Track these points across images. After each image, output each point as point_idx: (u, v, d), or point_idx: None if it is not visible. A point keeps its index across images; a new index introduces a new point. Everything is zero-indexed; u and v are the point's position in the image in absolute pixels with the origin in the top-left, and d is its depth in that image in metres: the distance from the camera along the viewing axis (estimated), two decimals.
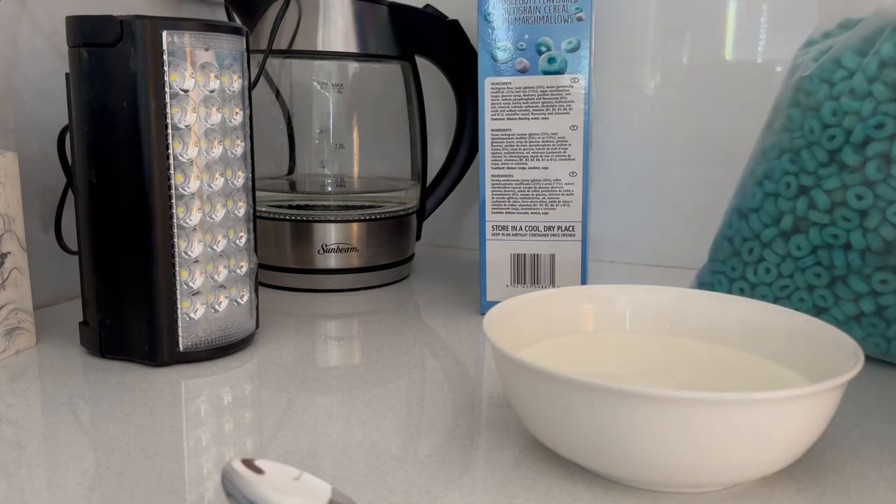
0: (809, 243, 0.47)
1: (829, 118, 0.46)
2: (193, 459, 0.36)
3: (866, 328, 0.47)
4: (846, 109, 0.45)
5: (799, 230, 0.47)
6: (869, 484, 0.34)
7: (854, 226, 0.45)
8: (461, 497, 0.33)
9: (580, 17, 0.53)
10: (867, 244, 0.45)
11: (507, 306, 0.41)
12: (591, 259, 0.72)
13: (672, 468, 0.31)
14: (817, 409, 0.31)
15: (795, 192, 0.48)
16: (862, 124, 0.45)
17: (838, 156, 0.46)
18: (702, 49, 0.71)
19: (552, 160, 0.55)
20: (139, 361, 0.47)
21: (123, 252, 0.46)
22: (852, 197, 0.45)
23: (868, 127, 0.44)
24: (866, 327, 0.46)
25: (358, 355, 0.51)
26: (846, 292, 0.46)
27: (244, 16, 0.65)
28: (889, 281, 0.45)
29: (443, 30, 0.67)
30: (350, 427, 0.39)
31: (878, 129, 0.44)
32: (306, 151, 0.70)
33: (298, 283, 0.65)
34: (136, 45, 0.44)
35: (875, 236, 0.44)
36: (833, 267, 0.46)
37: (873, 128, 0.44)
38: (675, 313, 0.44)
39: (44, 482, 0.34)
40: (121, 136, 0.45)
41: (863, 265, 0.45)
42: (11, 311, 0.48)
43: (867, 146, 0.45)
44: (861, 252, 0.45)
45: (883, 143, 0.44)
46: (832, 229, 0.46)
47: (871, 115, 0.45)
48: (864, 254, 0.45)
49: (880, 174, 0.44)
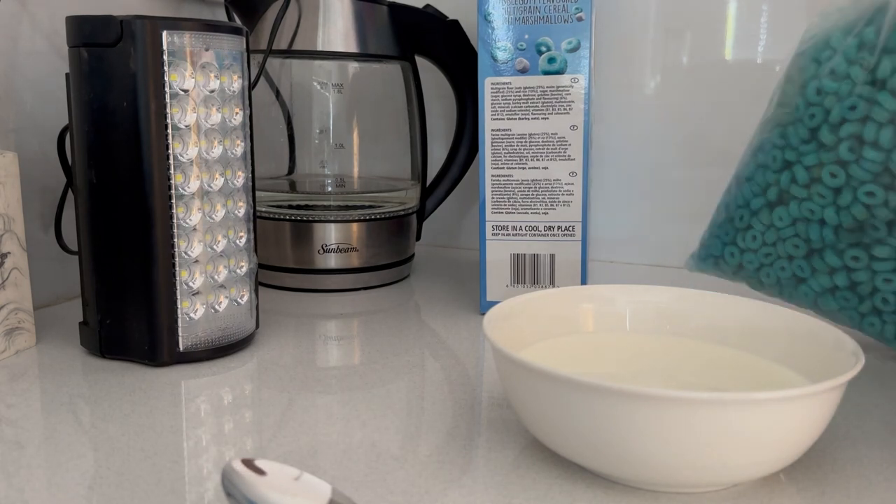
0: (790, 215, 0.48)
1: (813, 97, 0.47)
2: (193, 459, 0.36)
3: (840, 301, 0.48)
4: (827, 89, 0.46)
5: (782, 202, 0.49)
6: (869, 484, 0.34)
7: (828, 202, 0.46)
8: (461, 497, 0.33)
9: (580, 17, 0.53)
10: (840, 221, 0.46)
11: (507, 306, 0.41)
12: (591, 259, 0.72)
13: (672, 468, 0.31)
14: (817, 409, 0.31)
15: (780, 165, 0.49)
16: (839, 105, 0.46)
17: (817, 134, 0.47)
18: (702, 49, 0.71)
19: (552, 160, 0.55)
20: (139, 361, 0.47)
21: (123, 252, 0.46)
22: (827, 175, 0.46)
23: (843, 108, 0.45)
24: (840, 301, 0.48)
25: (358, 355, 0.51)
26: (821, 265, 0.47)
27: (244, 16, 0.65)
28: (860, 258, 0.46)
29: (443, 30, 0.67)
30: (350, 427, 0.39)
31: (851, 111, 0.45)
32: (306, 151, 0.70)
33: (298, 283, 0.65)
34: (136, 45, 0.44)
35: (846, 214, 0.45)
36: (809, 240, 0.47)
37: (848, 109, 0.45)
38: (675, 313, 0.44)
39: (44, 482, 0.34)
40: (121, 136, 0.45)
41: (836, 241, 0.46)
42: (11, 311, 0.48)
43: (841, 126, 0.45)
44: (834, 228, 0.46)
45: (855, 125, 0.45)
46: (809, 204, 0.47)
47: (848, 97, 0.45)
48: (838, 230, 0.46)
49: (852, 154, 0.45)
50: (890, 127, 0.44)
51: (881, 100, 0.44)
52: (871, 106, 0.44)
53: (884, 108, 0.44)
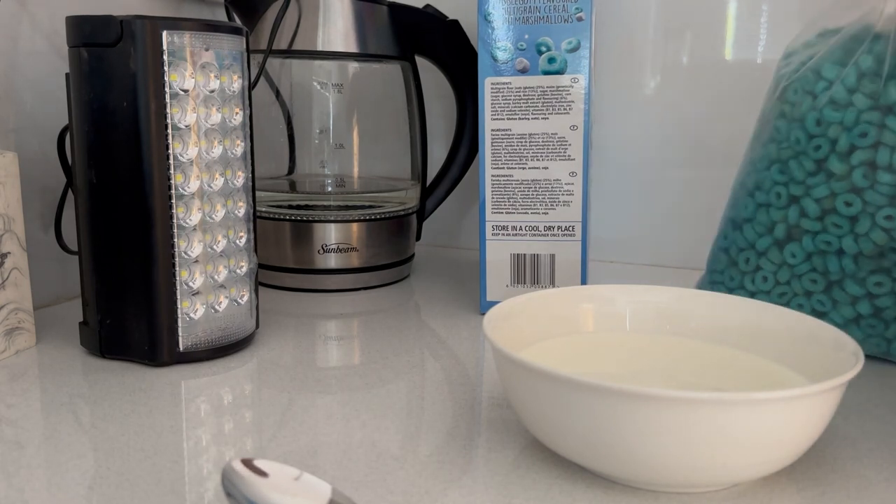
0: (803, 251, 0.48)
1: (814, 128, 0.47)
2: (193, 459, 0.36)
3: (865, 330, 0.47)
4: (829, 120, 0.47)
5: (792, 238, 0.48)
6: (869, 484, 0.34)
7: (845, 232, 0.46)
8: (461, 497, 0.33)
9: (580, 17, 0.53)
10: (859, 249, 0.45)
11: (507, 306, 0.41)
12: (591, 259, 0.72)
13: (672, 468, 0.31)
14: (817, 409, 0.32)
15: (786, 201, 0.48)
16: (846, 133, 0.46)
17: (825, 165, 0.47)
18: (702, 49, 0.71)
19: (552, 160, 0.55)
20: (139, 361, 0.47)
21: (123, 252, 0.46)
22: (841, 204, 0.46)
23: (853, 136, 0.45)
24: (865, 329, 0.47)
25: (358, 355, 0.51)
26: (843, 296, 0.47)
27: (244, 16, 0.65)
28: (884, 283, 0.45)
29: (443, 30, 0.67)
30: (350, 427, 0.39)
31: (862, 138, 0.45)
32: (306, 151, 0.70)
33: (298, 283, 0.65)
34: (136, 45, 0.44)
35: (866, 241, 0.45)
36: (828, 272, 0.47)
37: (858, 136, 0.45)
38: (675, 313, 0.44)
39: (44, 482, 0.34)
40: (121, 136, 0.45)
41: (857, 269, 0.46)
42: (11, 311, 0.48)
43: (852, 154, 0.46)
44: (854, 257, 0.46)
45: (867, 152, 0.45)
46: (824, 236, 0.47)
47: (855, 124, 0.46)
48: (858, 258, 0.46)
49: (867, 181, 0.45)
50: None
51: (890, 124, 0.44)
52: (882, 131, 0.44)
53: (894, 131, 0.44)
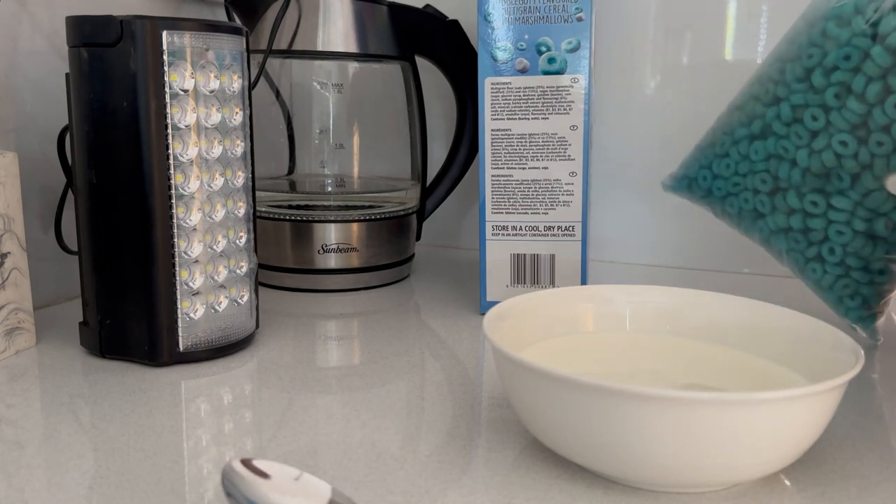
0: (766, 150, 0.49)
1: (818, 38, 0.47)
2: (193, 460, 0.36)
3: (790, 243, 0.49)
4: (830, 33, 0.47)
5: (762, 136, 0.50)
6: (869, 484, 0.34)
7: (803, 144, 0.47)
8: (461, 497, 0.33)
9: (580, 17, 0.53)
10: (809, 164, 0.47)
11: (507, 306, 0.41)
12: (591, 259, 0.72)
13: (672, 468, 0.31)
14: (817, 409, 0.32)
15: (770, 99, 0.49)
16: (836, 51, 0.46)
17: (811, 75, 0.47)
18: (702, 49, 0.71)
19: (552, 160, 0.55)
20: (139, 361, 0.47)
21: (123, 252, 0.46)
22: (808, 117, 0.47)
23: (838, 55, 0.46)
24: (790, 242, 0.49)
25: (358, 355, 0.51)
26: (782, 204, 0.49)
27: (244, 16, 0.65)
28: (818, 203, 0.47)
29: (443, 30, 0.67)
30: (350, 427, 0.39)
31: (845, 60, 0.46)
32: (306, 151, 0.70)
33: (298, 283, 0.65)
34: (136, 45, 0.44)
35: (817, 159, 0.46)
36: (777, 178, 0.49)
37: (842, 58, 0.46)
38: (675, 313, 0.44)
39: (44, 482, 0.34)
40: (121, 136, 0.45)
41: (802, 183, 0.47)
42: (11, 311, 0.48)
43: (833, 73, 0.46)
44: (803, 171, 0.47)
45: (846, 74, 0.45)
46: (785, 142, 0.48)
47: (846, 45, 0.46)
48: (805, 173, 0.47)
49: (837, 101, 0.46)
50: (879, 82, 0.44)
51: (874, 54, 0.44)
52: (865, 59, 0.45)
53: (876, 62, 0.44)
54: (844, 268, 0.47)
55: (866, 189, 0.45)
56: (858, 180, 0.45)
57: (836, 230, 0.47)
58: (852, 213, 0.46)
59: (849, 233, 0.46)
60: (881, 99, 0.44)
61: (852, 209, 0.46)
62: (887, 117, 0.44)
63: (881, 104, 0.44)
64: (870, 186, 0.45)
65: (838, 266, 0.47)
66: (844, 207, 0.46)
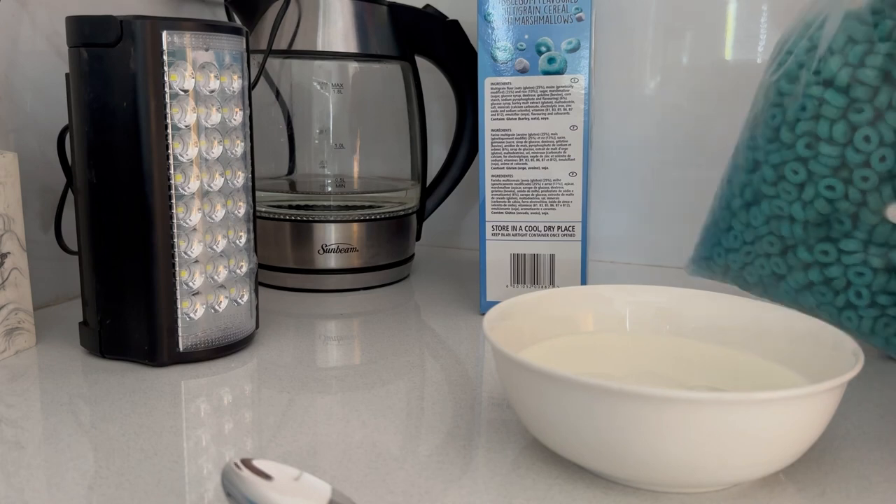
0: (763, 214, 0.49)
1: (776, 98, 0.49)
2: (193, 460, 0.36)
3: (817, 297, 0.48)
4: (784, 91, 0.48)
5: (756, 202, 0.50)
6: (869, 484, 0.34)
7: (794, 198, 0.47)
8: (461, 497, 0.33)
9: (580, 17, 0.53)
10: (806, 217, 0.47)
11: (507, 306, 0.41)
12: (591, 259, 0.72)
13: (672, 468, 0.31)
14: (817, 409, 0.32)
15: (752, 165, 0.50)
16: (793, 105, 0.47)
17: (779, 133, 0.48)
18: (702, 49, 0.71)
19: (552, 160, 0.55)
20: (139, 361, 0.47)
21: (123, 252, 0.46)
22: (790, 172, 0.47)
23: (796, 108, 0.47)
24: (817, 296, 0.48)
25: (358, 355, 0.51)
26: (796, 261, 0.48)
27: (244, 16, 0.65)
28: (829, 252, 0.47)
29: (442, 30, 0.67)
30: (350, 427, 0.39)
31: (802, 111, 0.46)
32: (306, 151, 0.70)
33: (298, 283, 0.65)
34: (136, 45, 0.44)
35: (811, 209, 0.46)
36: (783, 237, 0.48)
37: (799, 109, 0.46)
38: (675, 313, 0.44)
39: (44, 482, 0.34)
40: (121, 136, 0.45)
41: (806, 236, 0.47)
42: (11, 311, 0.48)
43: (797, 125, 0.47)
44: (803, 224, 0.47)
45: (808, 123, 0.46)
46: (777, 201, 0.48)
47: (801, 97, 0.47)
48: (806, 226, 0.47)
49: (810, 151, 0.46)
50: (842, 122, 0.45)
51: (829, 98, 0.45)
52: (821, 105, 0.46)
53: (832, 105, 0.45)
54: (878, 308, 0.46)
55: (869, 225, 0.45)
56: (858, 219, 0.45)
57: (855, 272, 0.46)
58: (865, 251, 0.45)
59: (868, 272, 0.45)
60: (849, 138, 0.45)
61: (863, 248, 0.45)
62: (861, 153, 0.44)
63: (850, 143, 0.45)
64: (871, 222, 0.45)
65: (871, 308, 0.46)
66: (855, 249, 0.45)
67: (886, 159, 0.44)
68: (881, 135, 0.44)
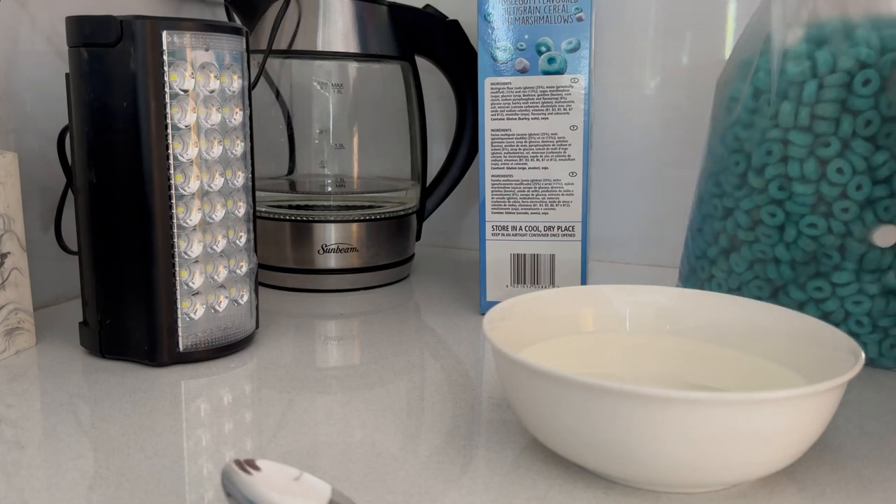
0: (744, 259, 0.48)
1: (733, 144, 0.48)
2: (193, 459, 0.36)
3: None
4: (741, 136, 0.47)
5: (734, 248, 0.49)
6: (869, 484, 0.34)
7: (775, 241, 0.47)
8: (461, 497, 0.33)
9: (580, 17, 0.53)
10: (792, 256, 0.46)
11: (507, 306, 0.41)
12: (591, 259, 0.72)
13: (672, 468, 0.31)
14: (817, 409, 0.31)
15: (722, 213, 0.49)
16: (757, 150, 0.47)
17: (746, 179, 0.47)
18: (702, 49, 0.71)
19: (552, 160, 0.55)
20: (139, 361, 0.47)
21: (123, 252, 0.46)
22: (766, 215, 0.47)
23: (761, 153, 0.46)
24: None
25: (358, 355, 0.51)
26: (789, 302, 0.47)
27: (244, 16, 0.65)
28: (823, 288, 0.46)
29: (442, 30, 0.67)
30: (350, 427, 0.39)
31: (768, 156, 0.46)
32: (306, 151, 0.70)
33: (298, 283, 0.65)
34: (136, 45, 0.44)
35: (796, 248, 0.46)
36: (770, 279, 0.47)
37: (765, 154, 0.46)
38: (675, 313, 0.44)
39: (44, 482, 0.34)
40: (121, 136, 0.45)
41: (796, 276, 0.46)
42: (11, 311, 0.48)
43: (765, 169, 0.46)
44: (790, 264, 0.46)
45: (777, 167, 0.46)
46: (759, 245, 0.47)
47: (761, 142, 0.46)
48: (794, 265, 0.46)
49: (784, 193, 0.46)
50: (811, 159, 0.44)
51: (793, 139, 0.45)
52: (786, 146, 0.45)
53: (798, 145, 0.45)
54: (881, 332, 0.46)
55: (858, 254, 0.44)
56: (846, 249, 0.45)
57: (852, 302, 0.45)
58: (858, 281, 0.45)
59: (865, 300, 0.45)
60: (821, 173, 0.44)
61: (856, 278, 0.45)
62: (836, 185, 0.44)
63: (824, 177, 0.44)
64: (859, 251, 0.44)
65: (874, 334, 0.46)
66: (848, 280, 0.45)
67: (863, 187, 0.44)
68: (852, 164, 0.44)
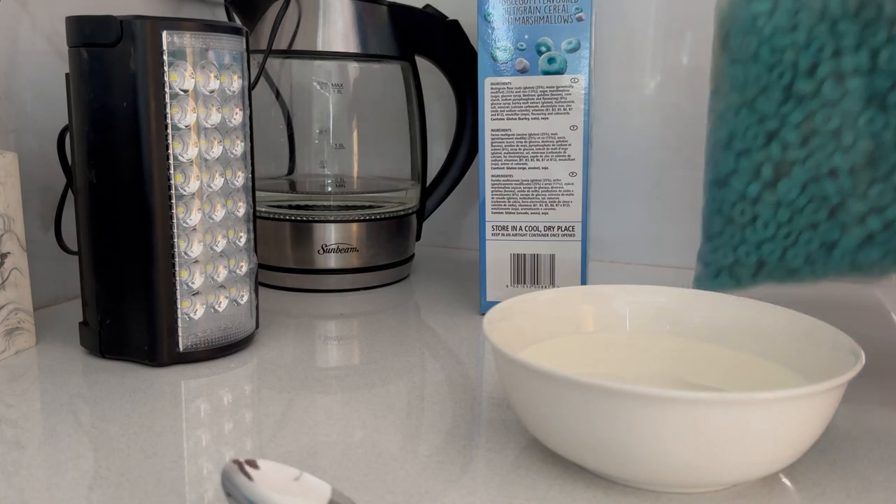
0: (797, 182, 0.46)
1: (770, 59, 0.46)
2: (193, 460, 0.36)
3: (880, 248, 0.45)
4: (782, 46, 0.46)
5: (781, 175, 0.47)
6: (869, 484, 0.34)
7: (833, 149, 0.45)
8: (461, 497, 0.33)
9: (580, 17, 0.53)
10: (851, 162, 0.44)
11: (507, 306, 0.41)
12: (591, 259, 0.72)
13: (672, 468, 0.31)
14: (817, 409, 0.31)
15: (764, 140, 0.47)
16: (804, 52, 0.45)
17: (793, 89, 0.46)
18: (702, 49, 0.71)
19: (552, 160, 0.55)
20: (139, 361, 0.47)
21: (123, 252, 0.46)
22: (820, 121, 0.45)
23: (811, 52, 0.44)
24: (880, 247, 0.45)
25: (358, 355, 0.51)
26: (849, 218, 0.45)
27: (244, 16, 0.65)
28: (885, 192, 0.44)
29: (442, 30, 0.67)
30: (350, 427, 0.39)
31: (819, 52, 0.44)
32: (306, 151, 0.70)
33: (298, 283, 0.65)
34: (136, 45, 0.44)
35: (855, 152, 0.44)
36: (828, 197, 0.45)
37: (817, 52, 0.44)
38: (675, 313, 0.44)
39: (44, 482, 0.34)
40: (121, 136, 0.45)
41: (855, 185, 0.44)
42: (11, 311, 0.48)
43: (816, 70, 0.45)
44: (850, 172, 0.44)
45: (829, 63, 0.44)
46: (813, 160, 0.45)
47: (807, 42, 0.45)
48: (853, 173, 0.44)
49: (837, 92, 0.44)
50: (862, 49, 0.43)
51: (843, 30, 0.43)
52: (837, 39, 0.43)
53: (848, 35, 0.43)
54: None
55: None
56: None
57: None
58: None
59: None
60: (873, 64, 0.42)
61: None
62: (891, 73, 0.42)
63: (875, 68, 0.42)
64: None
65: None
66: None
67: None
68: None
